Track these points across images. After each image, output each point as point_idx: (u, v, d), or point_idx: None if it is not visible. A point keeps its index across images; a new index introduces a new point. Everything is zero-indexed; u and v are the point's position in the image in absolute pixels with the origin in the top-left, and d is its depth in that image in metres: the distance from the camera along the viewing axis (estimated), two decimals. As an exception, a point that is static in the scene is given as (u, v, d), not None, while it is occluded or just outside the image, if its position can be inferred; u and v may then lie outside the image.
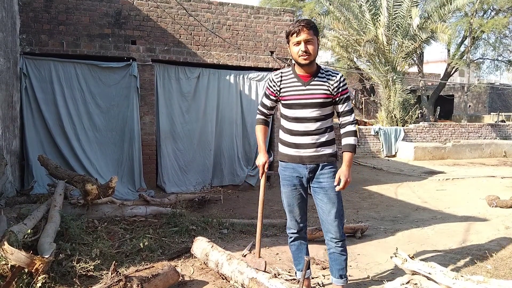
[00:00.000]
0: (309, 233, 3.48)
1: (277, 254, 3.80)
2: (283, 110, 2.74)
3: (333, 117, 2.78)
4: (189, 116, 7.17)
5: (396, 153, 13.55)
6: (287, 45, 2.73)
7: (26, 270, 2.59)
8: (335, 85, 2.62)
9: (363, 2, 14.33)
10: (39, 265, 2.58)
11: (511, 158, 14.16)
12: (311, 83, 2.63)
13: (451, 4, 14.05)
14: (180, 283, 3.00)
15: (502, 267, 3.52)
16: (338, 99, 2.65)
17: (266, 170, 2.78)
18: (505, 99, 26.44)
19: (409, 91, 16.51)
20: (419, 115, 16.59)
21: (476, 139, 15.27)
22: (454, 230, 4.90)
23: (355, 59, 18.10)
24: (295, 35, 2.54)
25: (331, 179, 2.67)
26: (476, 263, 3.62)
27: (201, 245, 3.37)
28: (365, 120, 18.31)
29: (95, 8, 6.43)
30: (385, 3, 13.79)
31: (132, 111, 6.64)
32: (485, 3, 19.14)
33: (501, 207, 6.04)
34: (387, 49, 14.51)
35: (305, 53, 2.53)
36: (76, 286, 2.84)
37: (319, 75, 2.64)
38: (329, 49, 16.89)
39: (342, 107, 2.68)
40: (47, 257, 2.69)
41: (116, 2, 6.53)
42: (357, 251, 3.95)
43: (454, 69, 21.10)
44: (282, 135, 2.79)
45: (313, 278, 3.17)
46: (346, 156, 2.66)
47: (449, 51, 21.23)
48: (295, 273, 3.05)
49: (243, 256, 3.17)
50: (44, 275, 2.64)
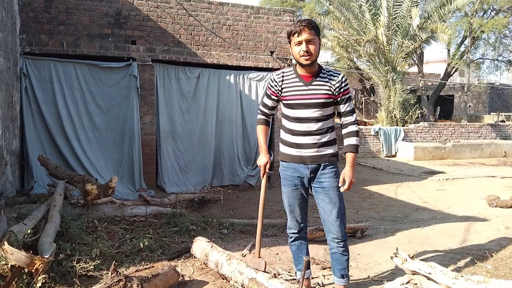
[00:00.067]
0: (309, 233, 3.48)
1: (277, 254, 3.80)
2: (284, 110, 2.74)
3: (334, 117, 2.78)
4: (189, 116, 7.17)
5: (396, 153, 13.55)
6: (287, 45, 2.74)
7: (26, 270, 2.59)
8: (337, 85, 2.62)
9: (363, 2, 14.33)
10: (39, 265, 2.58)
11: (511, 158, 14.16)
12: (313, 83, 2.63)
13: (451, 4, 14.05)
14: (180, 283, 3.00)
15: (502, 267, 3.52)
16: (340, 99, 2.66)
17: (267, 170, 2.79)
18: (505, 99, 26.45)
19: (409, 91, 16.51)
20: (419, 115, 16.59)
21: (476, 139, 15.27)
22: (454, 230, 4.90)
23: (355, 59, 18.10)
24: (296, 35, 2.54)
25: (332, 179, 2.67)
26: (476, 263, 3.62)
27: (201, 245, 3.37)
28: (365, 120, 18.32)
29: (95, 8, 6.43)
30: (385, 3, 13.79)
31: (132, 111, 6.64)
32: (485, 3, 19.13)
33: (501, 207, 6.04)
34: (387, 49, 14.51)
35: (306, 53, 2.53)
36: (76, 286, 2.84)
37: (321, 75, 2.65)
38: (329, 49, 16.89)
39: (344, 107, 2.68)
40: (47, 257, 2.69)
41: (116, 2, 6.54)
42: (357, 251, 3.95)
43: (454, 69, 21.10)
44: (283, 135, 2.78)
45: (313, 278, 3.17)
46: (349, 156, 2.67)
47: (449, 51, 21.23)
48: (295, 273, 3.05)
49: (242, 256, 3.17)
50: (44, 275, 2.65)
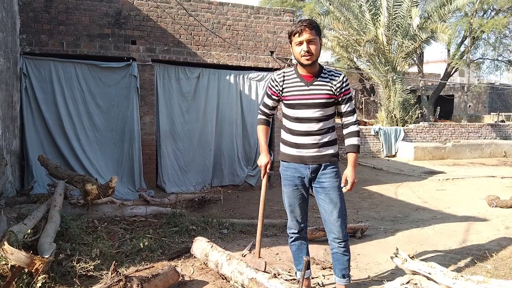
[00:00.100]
0: (309, 233, 3.47)
1: (277, 254, 3.80)
2: (285, 110, 2.73)
3: (335, 117, 2.78)
4: (189, 116, 7.17)
5: (396, 153, 13.55)
6: (287, 45, 2.74)
7: (26, 270, 2.59)
8: (338, 85, 2.62)
9: (363, 2, 14.33)
10: (39, 265, 2.58)
11: (511, 158, 14.16)
12: (314, 83, 2.63)
13: (451, 4, 14.05)
14: (180, 283, 3.00)
15: (502, 267, 3.52)
16: (341, 99, 2.66)
17: (268, 170, 2.78)
18: (505, 99, 26.45)
19: (409, 91, 16.51)
20: (419, 115, 16.59)
21: (476, 139, 15.27)
22: (454, 230, 4.90)
23: (355, 59, 18.10)
24: (297, 35, 2.54)
25: (333, 179, 2.67)
26: (476, 263, 3.62)
27: (201, 245, 3.37)
28: (365, 120, 18.32)
29: (95, 8, 6.43)
30: (385, 3, 13.79)
31: (132, 111, 6.64)
32: (485, 3, 19.13)
33: (501, 207, 6.04)
34: (387, 49, 14.51)
35: (307, 53, 2.53)
36: (76, 286, 2.84)
37: (322, 75, 2.65)
38: (329, 49, 16.90)
39: (345, 107, 2.68)
40: (47, 257, 2.69)
41: (116, 2, 6.54)
42: (357, 251, 3.95)
43: (454, 69, 21.09)
44: (284, 135, 2.78)
45: (313, 278, 3.17)
46: (350, 157, 2.67)
47: (449, 51, 21.22)
48: (295, 273, 3.05)
49: (243, 256, 3.17)
50: (44, 275, 2.65)
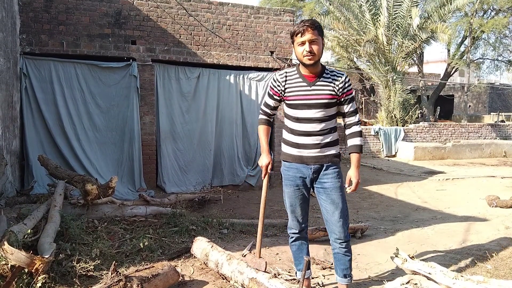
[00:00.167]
0: (309, 233, 3.46)
1: (277, 254, 3.80)
2: (287, 110, 2.73)
3: (337, 117, 2.77)
4: (189, 116, 7.17)
5: (396, 153, 13.55)
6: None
7: (26, 270, 2.59)
8: (341, 85, 2.62)
9: (363, 2, 14.33)
10: (39, 265, 2.58)
11: (511, 158, 14.16)
12: (317, 84, 2.63)
13: (451, 4, 14.06)
14: (180, 283, 3.00)
15: (502, 267, 3.52)
16: (343, 99, 2.66)
17: (269, 171, 2.78)
18: (505, 99, 26.44)
19: (409, 91, 16.52)
20: (419, 115, 16.59)
21: (476, 139, 15.27)
22: (454, 230, 4.90)
23: (355, 59, 18.11)
24: (299, 35, 2.54)
25: (335, 179, 2.67)
26: (476, 263, 3.62)
27: (201, 245, 3.37)
28: (365, 120, 18.31)
29: (95, 8, 6.43)
30: (385, 3, 13.80)
31: (132, 111, 6.64)
32: (485, 3, 19.13)
33: (501, 207, 6.04)
34: (387, 49, 14.52)
35: (309, 53, 2.53)
36: (76, 286, 2.84)
37: (324, 75, 2.64)
38: (329, 49, 16.90)
39: (347, 108, 2.68)
40: (47, 257, 2.69)
41: (116, 2, 6.54)
42: (357, 251, 3.95)
43: (454, 69, 21.09)
44: (285, 135, 2.77)
45: (313, 278, 3.17)
46: (354, 157, 2.67)
47: (449, 51, 21.22)
48: (295, 273, 3.05)
49: (243, 256, 3.17)
50: (44, 275, 2.65)
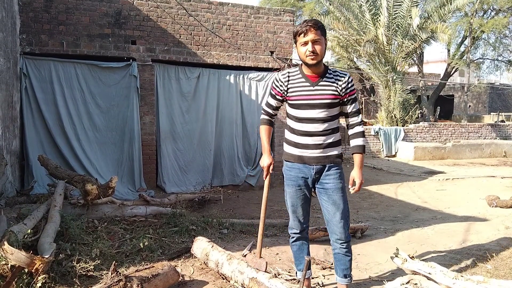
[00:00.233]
0: (309, 233, 3.47)
1: (277, 254, 3.80)
2: (289, 110, 2.72)
3: (339, 118, 2.77)
4: (189, 116, 7.17)
5: (396, 153, 13.55)
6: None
7: (26, 270, 2.59)
8: (344, 85, 2.62)
9: (363, 2, 14.33)
10: (39, 265, 2.58)
11: (511, 158, 14.16)
12: (320, 84, 2.62)
13: (451, 4, 14.06)
14: (180, 283, 3.00)
15: (502, 267, 3.52)
16: (346, 99, 2.65)
17: (271, 171, 2.77)
18: (505, 99, 26.44)
19: (409, 91, 16.52)
20: (419, 115, 16.59)
21: (476, 139, 15.27)
22: (454, 230, 4.90)
23: (355, 59, 18.11)
24: (302, 35, 2.54)
25: (337, 180, 2.67)
26: (476, 263, 3.62)
27: (201, 245, 3.37)
28: (365, 120, 18.32)
29: (95, 8, 6.43)
30: (385, 3, 13.80)
31: (132, 111, 6.64)
32: (485, 3, 19.13)
33: (501, 207, 6.04)
34: (387, 49, 14.52)
35: (312, 53, 2.53)
36: (76, 286, 2.84)
37: (327, 75, 2.64)
38: (329, 49, 16.90)
39: (350, 108, 2.68)
40: (47, 257, 2.69)
41: (116, 2, 6.54)
42: (357, 251, 3.95)
43: (454, 69, 21.09)
44: (288, 135, 2.76)
45: (313, 278, 3.17)
46: (357, 158, 2.68)
47: (449, 51, 21.22)
48: (295, 273, 3.05)
49: (243, 256, 3.17)
50: (44, 275, 2.64)
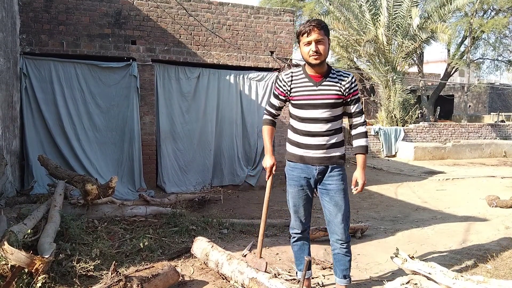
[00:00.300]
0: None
1: (277, 254, 3.80)
2: (293, 110, 2.72)
3: (342, 118, 2.76)
4: (189, 116, 7.17)
5: (396, 153, 13.55)
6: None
7: (26, 270, 2.59)
8: (347, 85, 2.62)
9: (363, 2, 14.34)
10: (39, 265, 2.58)
11: (511, 158, 14.16)
12: (323, 84, 2.62)
13: (451, 4, 14.06)
14: (180, 283, 3.00)
15: (502, 267, 3.52)
16: (349, 100, 2.65)
17: (273, 172, 2.77)
18: (505, 99, 26.44)
19: (409, 91, 16.52)
20: (419, 115, 16.59)
21: (476, 139, 15.27)
22: (454, 230, 4.90)
23: (355, 59, 18.11)
24: (305, 35, 2.54)
25: (339, 181, 2.66)
26: (476, 263, 3.62)
27: (201, 245, 3.37)
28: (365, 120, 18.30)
29: (95, 8, 6.43)
30: (385, 3, 13.80)
31: (132, 111, 6.64)
32: (485, 3, 19.13)
33: (501, 207, 6.04)
34: (387, 49, 14.52)
35: (315, 53, 2.53)
36: (76, 286, 2.84)
37: (331, 75, 2.64)
38: (329, 49, 16.89)
39: (353, 108, 2.68)
40: (47, 257, 2.69)
41: (116, 2, 6.53)
42: (357, 251, 3.95)
43: (454, 69, 21.09)
44: (291, 135, 2.76)
45: (313, 278, 3.17)
46: (359, 158, 2.67)
47: (449, 51, 21.22)
48: (296, 273, 3.05)
49: (243, 256, 3.17)
50: (44, 275, 2.64)
